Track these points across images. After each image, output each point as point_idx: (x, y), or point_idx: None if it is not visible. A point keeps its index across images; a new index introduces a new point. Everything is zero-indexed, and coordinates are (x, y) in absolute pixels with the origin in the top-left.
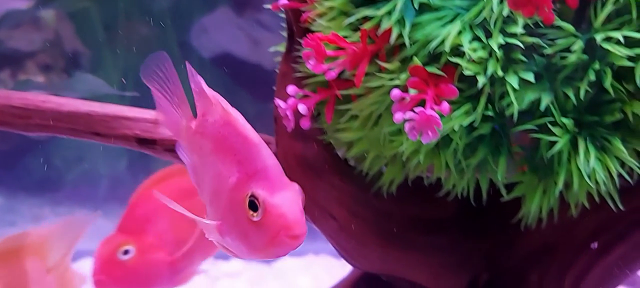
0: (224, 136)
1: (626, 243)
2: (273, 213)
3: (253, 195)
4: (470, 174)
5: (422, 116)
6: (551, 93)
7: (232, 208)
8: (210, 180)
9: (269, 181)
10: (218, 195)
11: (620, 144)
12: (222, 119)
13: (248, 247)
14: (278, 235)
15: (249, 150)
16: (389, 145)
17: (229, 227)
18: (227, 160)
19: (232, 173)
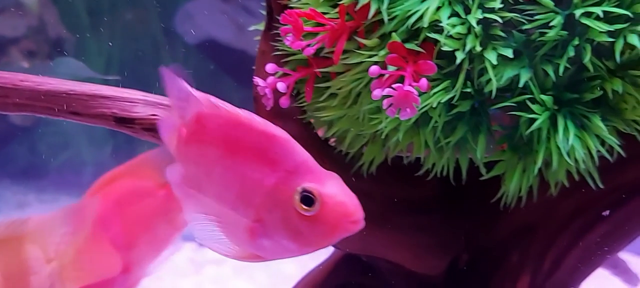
0: (240, 138)
1: (607, 223)
2: (331, 202)
3: (306, 190)
4: (449, 153)
5: (400, 92)
6: (530, 70)
7: (275, 209)
8: (226, 187)
9: (313, 173)
10: (246, 200)
11: (600, 121)
12: (230, 122)
13: (300, 243)
14: (340, 223)
15: (281, 147)
16: (369, 123)
17: (272, 227)
18: (253, 161)
19: (266, 173)
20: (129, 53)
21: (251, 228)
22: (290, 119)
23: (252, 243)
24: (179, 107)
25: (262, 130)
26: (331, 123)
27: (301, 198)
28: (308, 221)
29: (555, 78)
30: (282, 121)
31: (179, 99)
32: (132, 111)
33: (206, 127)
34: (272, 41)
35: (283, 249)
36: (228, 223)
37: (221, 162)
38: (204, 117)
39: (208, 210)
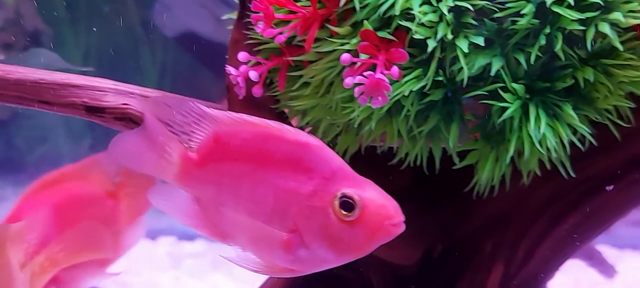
0: (271, 150)
1: (579, 213)
2: (372, 206)
3: (345, 195)
4: (422, 142)
5: (372, 80)
6: (502, 58)
7: (313, 217)
8: (258, 201)
9: (350, 179)
10: (282, 211)
11: (571, 110)
12: (258, 134)
13: (339, 250)
14: (381, 226)
15: (316, 154)
16: (342, 112)
17: (309, 237)
18: (287, 171)
19: (302, 182)
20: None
21: (288, 240)
22: (263, 109)
23: (287, 256)
24: (184, 132)
25: (294, 140)
26: (304, 112)
27: (341, 203)
28: (348, 226)
29: (527, 67)
30: (255, 110)
31: (184, 123)
32: (102, 100)
33: (229, 144)
34: (244, 30)
35: (320, 260)
36: (260, 238)
37: (251, 177)
38: (224, 135)
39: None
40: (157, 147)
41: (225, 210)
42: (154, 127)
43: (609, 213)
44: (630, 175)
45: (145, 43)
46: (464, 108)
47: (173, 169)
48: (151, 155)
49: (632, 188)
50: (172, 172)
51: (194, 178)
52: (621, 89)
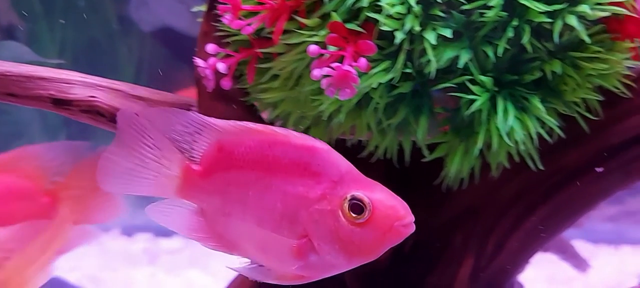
0: (278, 156)
1: (548, 206)
2: (382, 208)
3: (355, 198)
4: (392, 135)
5: (339, 72)
6: (470, 51)
7: (323, 221)
8: (267, 208)
9: (359, 181)
10: (292, 217)
11: (539, 103)
12: (264, 141)
13: (350, 253)
14: (392, 227)
15: (323, 158)
16: (311, 104)
17: (320, 241)
18: (295, 177)
19: (311, 186)
20: (82, 40)
21: (298, 246)
22: (233, 101)
23: (298, 262)
24: (185, 142)
25: (301, 144)
26: (274, 105)
27: (350, 206)
28: (359, 229)
29: (495, 59)
30: (224, 103)
31: (185, 133)
32: (69, 93)
33: (234, 153)
34: (213, 22)
35: (331, 264)
36: (270, 246)
37: (257, 184)
38: (228, 144)
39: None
40: (153, 161)
41: (232, 220)
42: (153, 139)
43: (577, 206)
44: (599, 168)
45: (122, 38)
46: (434, 101)
47: (174, 183)
48: (147, 171)
49: (601, 182)
50: (173, 185)
51: (199, 189)
52: (589, 81)
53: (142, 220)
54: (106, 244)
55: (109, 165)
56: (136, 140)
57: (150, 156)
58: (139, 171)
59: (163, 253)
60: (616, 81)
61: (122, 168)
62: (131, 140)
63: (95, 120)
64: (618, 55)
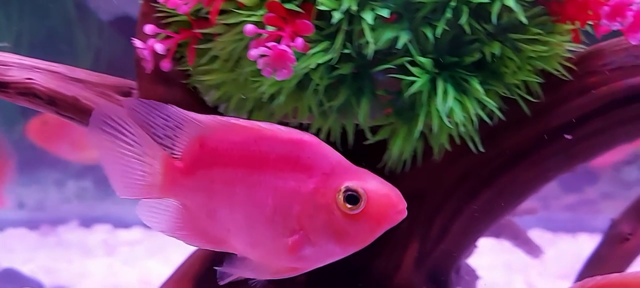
0: (266, 151)
1: (491, 189)
2: (376, 197)
3: (349, 189)
4: (334, 117)
5: (276, 52)
6: (409, 32)
7: (317, 214)
8: (257, 204)
9: (350, 172)
10: (284, 211)
11: (478, 84)
12: (250, 136)
13: (345, 244)
14: (387, 215)
15: (313, 151)
16: (251, 86)
17: (314, 234)
18: (285, 171)
19: (302, 180)
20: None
21: (293, 241)
22: (174, 84)
23: (293, 256)
24: (166, 137)
25: (288, 138)
26: (216, 87)
27: (345, 198)
28: (354, 219)
29: (435, 41)
30: (165, 86)
31: (166, 127)
32: (6, 75)
33: (217, 149)
34: (153, 2)
35: (326, 254)
36: (262, 242)
37: (245, 180)
38: (211, 140)
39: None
40: (133, 157)
41: (218, 217)
42: (133, 134)
43: (520, 189)
44: (541, 150)
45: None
46: (377, 83)
47: (157, 180)
48: (127, 168)
49: (543, 164)
50: (156, 183)
51: (181, 186)
52: (530, 64)
53: (101, 212)
54: (63, 236)
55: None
56: (114, 138)
57: (130, 153)
58: (126, 172)
59: (121, 245)
60: (557, 64)
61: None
62: (109, 139)
63: (32, 103)
64: (558, 38)
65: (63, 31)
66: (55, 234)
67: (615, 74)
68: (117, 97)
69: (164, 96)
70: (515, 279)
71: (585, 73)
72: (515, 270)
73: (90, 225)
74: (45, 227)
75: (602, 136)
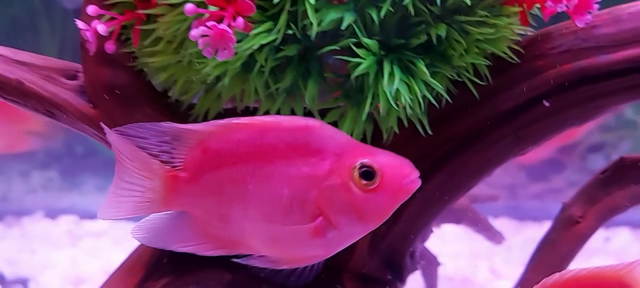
0: (272, 143)
1: (444, 172)
2: (390, 169)
3: (364, 165)
4: (281, 100)
5: (216, 32)
6: (354, 13)
7: (335, 196)
8: (272, 197)
9: (360, 149)
10: (301, 199)
11: (424, 67)
12: (253, 132)
13: (365, 220)
14: (402, 186)
15: (320, 134)
16: (195, 68)
17: (335, 216)
18: (295, 159)
19: (314, 164)
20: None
21: (315, 227)
22: (120, 67)
23: (316, 242)
24: (163, 152)
25: (294, 126)
26: (162, 69)
27: (361, 174)
28: (372, 194)
29: (379, 22)
30: (111, 69)
31: (162, 143)
32: None
33: (220, 151)
34: None
35: (348, 235)
36: (281, 236)
37: (257, 176)
38: (213, 143)
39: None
40: (128, 177)
41: (231, 220)
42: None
43: (472, 172)
44: (491, 133)
45: (45, 15)
46: (326, 66)
47: (158, 195)
48: (128, 191)
49: (494, 147)
50: (158, 197)
51: (188, 195)
52: (478, 46)
53: (67, 203)
54: (27, 227)
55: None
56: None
57: (133, 174)
58: (127, 192)
59: (86, 236)
60: (505, 47)
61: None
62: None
63: None
64: (505, 20)
65: (27, 20)
66: (20, 225)
67: (563, 56)
68: (62, 81)
69: (110, 79)
70: (480, 266)
71: (533, 56)
72: (481, 257)
73: (55, 216)
74: (9, 218)
75: (552, 119)
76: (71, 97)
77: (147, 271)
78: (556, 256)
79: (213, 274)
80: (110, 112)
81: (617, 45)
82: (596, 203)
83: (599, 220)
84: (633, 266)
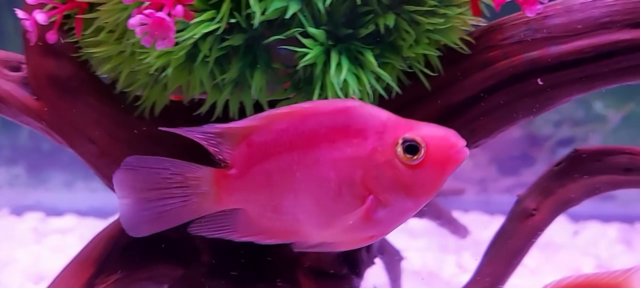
0: (314, 129)
1: None
2: (435, 141)
3: (407, 140)
4: (228, 91)
5: (154, 20)
6: (300, 2)
7: (381, 173)
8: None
9: (402, 123)
10: (349, 180)
11: (372, 57)
12: (293, 120)
13: (416, 196)
14: (449, 156)
15: (360, 114)
16: (138, 58)
17: (384, 195)
18: (338, 141)
19: (358, 144)
20: None
21: (366, 208)
22: (64, 58)
23: (368, 223)
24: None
25: (333, 108)
26: (105, 60)
27: (405, 149)
28: (418, 169)
29: (327, 12)
30: (55, 60)
31: (207, 145)
32: None
33: (265, 143)
34: None
35: (399, 212)
36: (335, 220)
37: (303, 163)
38: (256, 136)
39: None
40: (178, 188)
41: (283, 209)
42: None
43: None
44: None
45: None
46: (275, 57)
47: (209, 197)
48: (176, 201)
49: None
50: (209, 199)
51: (239, 191)
52: (428, 37)
53: (33, 199)
54: None
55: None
56: (151, 181)
57: (173, 186)
58: (169, 205)
59: (52, 233)
60: (456, 38)
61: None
62: (146, 183)
63: None
64: (454, 10)
65: None
66: None
67: (514, 48)
68: (5, 72)
69: (54, 70)
70: (447, 260)
71: (485, 47)
72: (449, 252)
73: (21, 213)
74: None
75: (503, 111)
76: (14, 89)
77: (98, 266)
78: (511, 249)
79: (165, 269)
80: (54, 104)
81: (569, 36)
82: (550, 195)
83: (553, 212)
84: (631, 272)
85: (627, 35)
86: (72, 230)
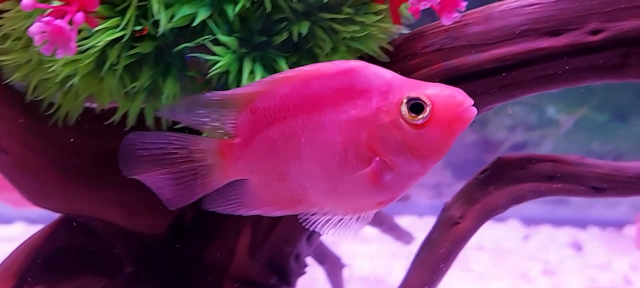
0: (318, 91)
1: None
2: (440, 99)
3: (411, 98)
4: (140, 99)
5: (53, 27)
6: (210, 9)
7: (387, 134)
8: (326, 145)
9: (407, 83)
10: (354, 142)
11: (285, 65)
12: (297, 84)
13: (423, 157)
14: (456, 115)
15: (364, 74)
16: (45, 67)
17: (389, 156)
18: (343, 103)
19: (362, 105)
20: None
21: (372, 170)
22: None
23: (376, 187)
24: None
25: (336, 71)
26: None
27: (410, 108)
28: (424, 128)
29: (234, 18)
30: None
31: (211, 113)
32: None
33: (270, 107)
34: None
35: (408, 175)
36: (342, 185)
37: (308, 127)
38: (261, 101)
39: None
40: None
41: (290, 177)
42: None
43: None
44: None
45: None
46: (190, 65)
47: (215, 169)
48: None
49: None
50: (216, 171)
51: (245, 159)
52: (346, 45)
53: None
54: None
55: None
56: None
57: (179, 161)
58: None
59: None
60: (375, 46)
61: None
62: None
63: None
64: (371, 18)
65: None
66: None
67: (434, 55)
68: None
69: None
70: (395, 265)
71: (406, 55)
72: (399, 257)
73: None
74: None
75: None
76: None
77: (19, 278)
78: (436, 256)
79: (88, 281)
80: None
81: (489, 44)
82: (475, 203)
83: (478, 220)
84: None
85: (546, 43)
86: (20, 238)
